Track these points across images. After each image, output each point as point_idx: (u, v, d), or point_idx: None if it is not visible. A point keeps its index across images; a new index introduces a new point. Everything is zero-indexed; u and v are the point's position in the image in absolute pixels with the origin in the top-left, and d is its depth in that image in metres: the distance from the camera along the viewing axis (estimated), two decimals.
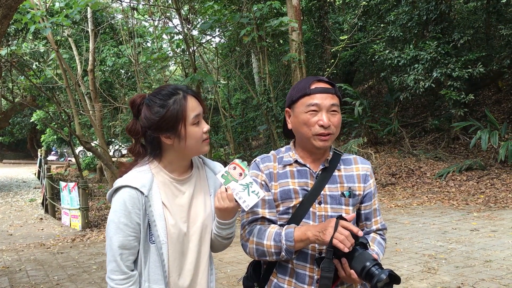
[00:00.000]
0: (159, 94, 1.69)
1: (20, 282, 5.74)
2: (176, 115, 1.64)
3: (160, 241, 1.66)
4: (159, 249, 1.66)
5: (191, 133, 1.66)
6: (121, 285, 1.64)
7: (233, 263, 5.87)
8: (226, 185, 1.65)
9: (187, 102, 1.66)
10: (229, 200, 1.64)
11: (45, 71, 15.20)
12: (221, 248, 1.86)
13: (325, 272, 1.55)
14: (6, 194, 16.87)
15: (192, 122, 1.66)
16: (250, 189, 1.64)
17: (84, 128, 17.44)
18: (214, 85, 12.09)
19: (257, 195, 1.64)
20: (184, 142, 1.66)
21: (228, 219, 1.73)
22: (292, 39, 10.90)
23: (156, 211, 1.66)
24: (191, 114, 1.66)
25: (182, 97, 1.67)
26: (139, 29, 17.82)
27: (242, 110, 17.52)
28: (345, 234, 1.52)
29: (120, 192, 1.65)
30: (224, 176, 1.66)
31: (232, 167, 1.67)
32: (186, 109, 1.65)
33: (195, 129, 1.67)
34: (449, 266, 5.09)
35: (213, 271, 1.83)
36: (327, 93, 1.71)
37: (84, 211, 9.96)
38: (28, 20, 7.35)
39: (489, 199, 8.55)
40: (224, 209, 1.67)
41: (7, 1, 4.15)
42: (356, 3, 14.35)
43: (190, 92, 1.71)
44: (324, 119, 1.68)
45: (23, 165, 29.07)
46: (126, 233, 1.64)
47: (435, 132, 12.92)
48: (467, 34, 11.15)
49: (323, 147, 1.73)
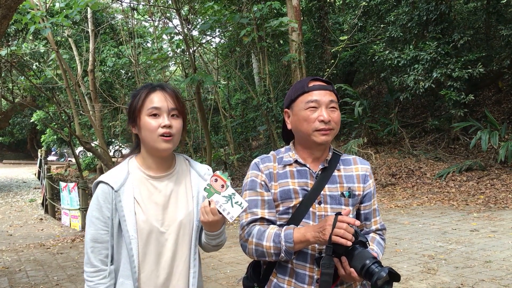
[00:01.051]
0: (137, 89, 1.80)
1: (19, 283, 5.73)
2: (135, 105, 1.74)
3: (129, 235, 1.68)
4: (128, 244, 1.68)
5: (144, 124, 1.71)
6: (91, 278, 1.69)
7: (232, 263, 5.87)
8: (209, 198, 1.65)
9: (151, 94, 1.73)
10: (213, 214, 1.64)
11: (45, 72, 15.21)
12: (211, 251, 1.86)
13: (325, 268, 1.55)
14: (6, 194, 16.87)
15: (147, 113, 1.71)
16: (233, 200, 1.65)
17: (84, 129, 17.44)
18: (214, 86, 12.10)
19: (241, 206, 1.64)
20: (141, 132, 1.73)
21: (216, 231, 1.73)
22: (292, 40, 10.90)
23: (126, 206, 1.69)
24: (148, 105, 1.71)
25: (145, 91, 1.74)
26: (139, 30, 17.84)
27: (242, 111, 17.52)
28: (342, 227, 1.53)
29: (97, 188, 1.73)
30: (207, 189, 1.66)
31: (214, 179, 1.67)
32: (145, 100, 1.72)
33: (149, 120, 1.71)
34: (449, 266, 5.09)
35: (196, 274, 1.79)
36: (325, 90, 1.74)
37: (84, 211, 9.96)
38: (28, 20, 7.34)
39: (489, 199, 8.54)
40: (209, 223, 1.67)
41: (6, 1, 4.15)
42: (356, 4, 14.35)
43: (163, 87, 1.76)
44: (324, 114, 1.70)
45: (23, 165, 29.06)
46: (97, 227, 1.69)
47: (435, 133, 12.92)
48: (467, 35, 11.15)
49: (324, 142, 1.73)
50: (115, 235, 1.69)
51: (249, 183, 1.79)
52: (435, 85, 11.01)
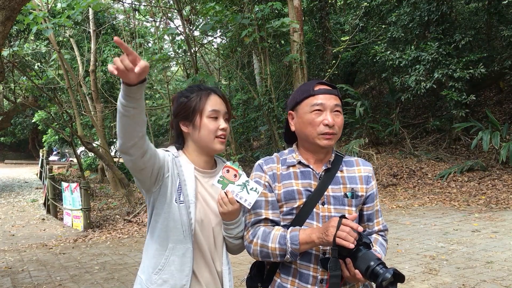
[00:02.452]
0: (189, 88, 1.86)
1: (22, 283, 5.75)
2: (195, 106, 1.80)
3: (189, 200, 1.75)
4: (187, 208, 1.74)
5: (205, 125, 1.79)
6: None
7: (235, 263, 5.89)
8: (224, 189, 1.71)
9: (209, 97, 1.81)
10: (231, 203, 1.71)
11: (47, 72, 15.25)
12: (235, 249, 1.89)
13: (333, 271, 1.57)
14: (8, 195, 16.90)
15: (208, 115, 1.79)
16: (248, 187, 1.71)
17: (85, 129, 17.46)
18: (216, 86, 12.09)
19: (256, 191, 1.70)
20: (198, 132, 1.79)
21: (234, 219, 1.78)
22: (293, 40, 10.90)
23: (186, 171, 1.79)
24: (208, 108, 1.80)
25: (206, 93, 1.82)
26: (141, 30, 17.85)
27: (244, 111, 17.51)
28: (346, 230, 1.55)
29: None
30: (220, 181, 1.71)
31: (225, 170, 1.74)
32: (205, 102, 1.80)
33: (210, 121, 1.79)
34: (450, 267, 5.10)
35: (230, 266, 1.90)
36: (330, 94, 1.76)
37: (86, 211, 9.98)
38: (30, 21, 7.36)
39: (490, 200, 8.55)
40: (228, 212, 1.73)
41: (10, 3, 4.17)
42: (358, 4, 14.35)
43: (218, 92, 1.85)
44: (329, 118, 1.72)
45: (24, 165, 29.09)
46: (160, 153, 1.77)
47: (436, 133, 12.92)
48: (468, 35, 11.15)
49: (328, 146, 1.76)
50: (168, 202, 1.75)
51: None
52: (436, 85, 11.01)
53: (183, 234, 1.73)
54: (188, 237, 1.74)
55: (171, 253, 1.74)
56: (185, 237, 1.74)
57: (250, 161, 14.74)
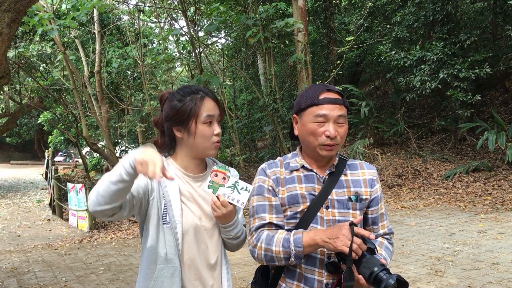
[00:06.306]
0: (181, 90, 1.80)
1: (28, 284, 5.78)
2: (189, 111, 1.74)
3: (175, 220, 1.73)
4: (174, 228, 1.73)
5: (201, 131, 1.75)
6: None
7: (239, 264, 5.89)
8: (216, 193, 1.71)
9: (204, 101, 1.76)
10: (224, 206, 1.71)
11: (52, 73, 15.31)
12: (234, 247, 1.91)
13: (347, 281, 1.56)
14: (14, 195, 16.99)
15: (203, 120, 1.75)
16: (238, 187, 1.72)
17: (91, 129, 17.54)
18: (220, 86, 12.10)
19: (247, 190, 1.71)
20: (193, 138, 1.75)
21: (230, 221, 1.79)
22: (297, 40, 10.88)
23: (171, 191, 1.75)
24: (204, 113, 1.75)
25: (200, 96, 1.77)
26: (145, 30, 17.89)
27: (248, 111, 17.51)
28: (357, 242, 1.54)
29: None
30: (211, 186, 1.72)
31: (214, 174, 1.73)
32: (200, 107, 1.75)
33: (205, 128, 1.76)
34: (456, 268, 5.08)
35: (229, 269, 1.89)
36: (335, 104, 1.73)
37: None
38: (36, 22, 7.40)
39: (496, 200, 8.50)
40: (223, 215, 1.74)
41: (15, 5, 4.18)
42: (362, 4, 14.32)
43: (210, 94, 1.80)
44: (331, 130, 1.70)
45: (30, 166, 29.24)
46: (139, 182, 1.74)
47: (441, 133, 12.86)
48: (473, 35, 11.09)
49: (328, 157, 1.77)
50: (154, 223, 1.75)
51: (257, 188, 1.81)
52: (441, 85, 10.97)
53: (170, 254, 1.73)
54: (175, 257, 1.73)
55: (159, 275, 1.74)
56: (173, 257, 1.73)
57: (255, 162, 14.74)
